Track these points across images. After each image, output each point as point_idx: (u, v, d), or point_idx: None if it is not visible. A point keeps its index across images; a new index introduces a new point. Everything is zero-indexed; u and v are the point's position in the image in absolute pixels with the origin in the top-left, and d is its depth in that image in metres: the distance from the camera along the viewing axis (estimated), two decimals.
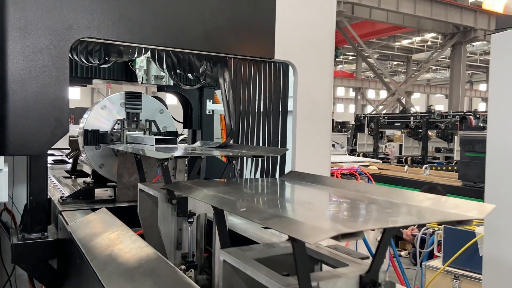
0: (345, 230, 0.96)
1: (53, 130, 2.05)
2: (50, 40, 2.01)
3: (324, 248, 1.45)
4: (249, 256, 1.36)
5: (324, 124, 2.90)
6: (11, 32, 1.95)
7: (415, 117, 12.33)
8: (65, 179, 4.69)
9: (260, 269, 1.25)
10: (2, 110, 1.95)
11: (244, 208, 1.31)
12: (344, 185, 1.68)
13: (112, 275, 1.66)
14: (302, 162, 2.77)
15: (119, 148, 2.65)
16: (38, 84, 2.00)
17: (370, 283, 1.19)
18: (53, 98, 2.04)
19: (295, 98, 2.77)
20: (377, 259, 1.21)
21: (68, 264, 2.63)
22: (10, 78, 1.95)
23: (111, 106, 3.18)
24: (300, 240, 0.99)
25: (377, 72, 25.39)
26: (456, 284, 2.90)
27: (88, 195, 3.28)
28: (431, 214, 1.24)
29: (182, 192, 1.88)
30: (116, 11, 2.15)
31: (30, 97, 1.99)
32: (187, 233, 2.15)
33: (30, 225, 2.94)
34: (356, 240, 0.94)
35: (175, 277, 1.49)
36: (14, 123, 1.96)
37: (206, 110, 3.59)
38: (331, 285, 1.15)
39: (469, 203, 1.21)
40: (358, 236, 0.96)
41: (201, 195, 1.65)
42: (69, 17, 2.04)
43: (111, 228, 2.28)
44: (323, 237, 0.95)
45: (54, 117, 2.05)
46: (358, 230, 0.96)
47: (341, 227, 1.04)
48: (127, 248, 1.92)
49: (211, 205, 1.50)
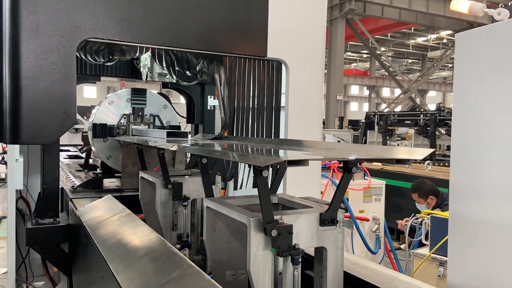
0: (291, 158, 1.17)
1: (61, 122, 2.27)
2: (59, 40, 2.23)
3: (296, 198, 1.65)
4: (229, 202, 1.58)
5: (315, 119, 3.07)
6: (24, 33, 2.18)
7: (425, 115, 12.34)
8: (78, 172, 4.97)
9: (234, 208, 1.46)
10: (17, 104, 2.17)
11: (218, 153, 1.55)
12: (318, 145, 1.87)
13: (111, 249, 1.88)
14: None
15: (122, 139, 2.86)
16: (48, 80, 2.22)
17: (329, 220, 1.39)
18: (61, 93, 2.26)
19: (287, 94, 2.94)
20: (336, 200, 1.41)
21: (76, 246, 2.86)
22: (23, 74, 2.18)
23: (118, 101, 3.41)
24: (259, 166, 1.20)
25: (389, 70, 25.27)
26: (441, 270, 3.05)
27: (97, 185, 3.53)
28: (378, 153, 1.43)
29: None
30: (119, 13, 2.36)
31: (41, 92, 2.21)
32: (182, 216, 2.36)
33: (43, 211, 3.19)
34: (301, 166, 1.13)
35: (164, 249, 1.70)
36: (27, 115, 2.19)
37: (208, 105, 3.79)
38: (293, 219, 1.34)
39: (416, 150, 1.39)
40: (303, 163, 1.16)
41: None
42: (76, 19, 2.26)
43: (115, 212, 2.50)
44: (271, 163, 1.15)
45: (62, 109, 2.27)
46: (301, 159, 1.17)
47: (289, 157, 1.25)
48: (127, 228, 2.13)
49: (195, 154, 1.74)
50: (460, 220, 1.95)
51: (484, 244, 1.86)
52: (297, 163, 1.16)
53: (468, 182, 1.91)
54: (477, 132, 1.85)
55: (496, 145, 1.77)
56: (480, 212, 1.86)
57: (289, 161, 1.15)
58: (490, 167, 1.81)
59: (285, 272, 1.38)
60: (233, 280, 1.70)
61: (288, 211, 1.48)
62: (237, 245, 1.72)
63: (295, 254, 1.34)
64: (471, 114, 1.89)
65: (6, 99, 2.19)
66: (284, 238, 1.32)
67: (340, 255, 1.44)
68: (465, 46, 1.89)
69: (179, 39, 2.54)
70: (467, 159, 1.90)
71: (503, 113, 1.76)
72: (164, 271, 1.50)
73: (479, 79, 1.84)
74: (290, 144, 1.99)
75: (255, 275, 1.33)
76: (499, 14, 1.85)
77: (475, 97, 1.87)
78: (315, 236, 1.40)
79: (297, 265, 1.35)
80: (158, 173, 2.55)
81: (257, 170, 1.26)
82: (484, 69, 1.81)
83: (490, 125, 1.79)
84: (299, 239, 1.37)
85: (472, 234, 1.90)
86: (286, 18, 2.85)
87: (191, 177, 2.40)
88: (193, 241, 2.50)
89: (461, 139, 1.94)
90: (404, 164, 1.33)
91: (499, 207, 1.78)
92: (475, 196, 1.89)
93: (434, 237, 3.13)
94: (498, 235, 1.80)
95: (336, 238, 1.43)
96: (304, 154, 1.49)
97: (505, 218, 1.76)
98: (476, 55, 1.84)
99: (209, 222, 1.66)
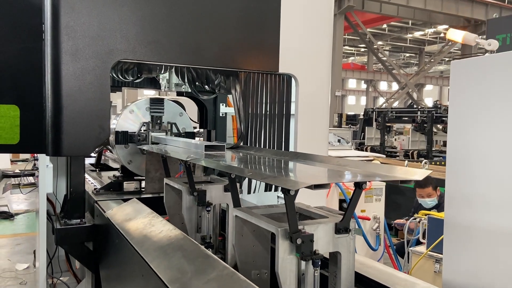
0: (317, 183, 1.44)
1: (97, 135, 2.53)
2: (95, 63, 2.48)
3: (313, 208, 1.93)
4: (255, 212, 1.84)
5: (321, 126, 3.34)
6: (65, 57, 2.43)
7: (422, 111, 12.63)
8: (91, 172, 5.22)
9: (262, 218, 1.73)
10: (59, 120, 2.43)
11: (250, 173, 1.82)
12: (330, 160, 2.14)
13: (149, 250, 2.14)
14: None
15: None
16: (85, 98, 2.48)
17: (343, 229, 1.66)
18: (97, 109, 2.51)
19: (297, 104, 3.20)
20: (349, 212, 1.68)
21: (105, 245, 3.12)
22: (64, 93, 2.43)
23: (137, 110, 3.66)
24: (287, 189, 1.47)
25: (386, 64, 25.49)
26: (437, 266, 3.34)
27: (118, 187, 3.78)
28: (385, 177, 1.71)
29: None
30: (147, 36, 2.60)
31: (80, 109, 2.46)
32: (205, 219, 2.62)
33: (71, 212, 3.45)
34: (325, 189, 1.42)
35: (198, 251, 1.97)
36: (67, 130, 2.44)
37: (220, 112, 4.05)
38: (313, 229, 1.61)
39: (415, 171, 1.67)
40: (326, 187, 1.44)
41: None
42: (110, 43, 2.51)
43: (143, 215, 2.76)
44: (302, 186, 1.42)
45: (98, 124, 2.53)
46: (325, 183, 1.44)
47: (315, 181, 1.51)
48: (158, 230, 2.40)
49: (226, 171, 2.00)
50: (454, 224, 2.22)
51: (475, 246, 2.14)
52: (322, 186, 1.43)
53: (461, 191, 2.19)
54: (469, 149, 2.12)
55: (484, 161, 2.05)
56: (472, 217, 2.13)
57: (315, 185, 1.41)
58: (479, 179, 2.08)
59: (307, 273, 1.65)
60: (257, 278, 1.98)
61: (308, 221, 1.74)
62: (261, 249, 1.99)
63: (315, 258, 1.60)
64: (465, 130, 2.16)
65: (49, 116, 2.45)
66: (306, 245, 1.58)
67: (352, 258, 1.71)
68: (460, 74, 2.15)
69: (199, 58, 2.79)
70: (460, 172, 2.18)
71: (491, 132, 2.03)
72: (203, 271, 1.77)
73: (471, 102, 2.11)
74: (305, 158, 2.25)
75: (283, 276, 1.60)
76: (489, 45, 2.11)
77: (468, 119, 2.13)
78: (331, 243, 1.67)
79: (317, 267, 1.63)
80: (181, 180, 2.81)
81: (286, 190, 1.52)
82: (477, 94, 2.08)
83: (479, 143, 2.06)
84: (318, 245, 1.64)
85: (464, 237, 2.18)
86: (296, 36, 3.10)
87: (213, 184, 2.66)
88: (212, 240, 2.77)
89: (456, 153, 2.21)
90: (408, 183, 1.61)
91: (487, 214, 2.06)
92: (467, 204, 2.16)
93: (431, 236, 3.42)
94: (486, 238, 2.07)
95: (349, 244, 1.70)
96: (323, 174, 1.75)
97: (492, 224, 2.03)
98: (470, 81, 2.10)
99: (238, 229, 1.92)
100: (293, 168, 2.10)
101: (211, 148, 2.62)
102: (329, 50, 3.26)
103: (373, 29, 28.46)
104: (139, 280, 2.21)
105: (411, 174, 1.63)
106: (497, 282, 2.05)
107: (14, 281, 4.93)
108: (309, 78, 3.20)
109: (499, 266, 1.99)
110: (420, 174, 1.60)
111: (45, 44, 2.42)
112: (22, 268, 5.26)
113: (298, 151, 3.17)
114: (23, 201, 8.68)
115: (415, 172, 1.63)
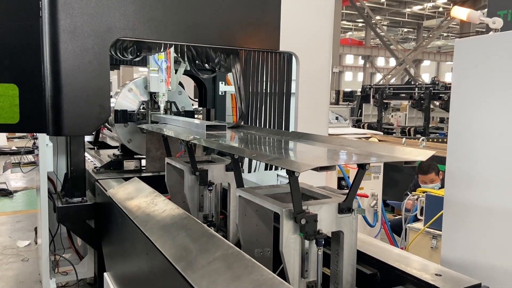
0: (322, 164, 1.45)
1: (98, 115, 2.51)
2: (94, 41, 2.44)
3: (316, 188, 1.95)
4: (258, 192, 1.86)
5: (322, 104, 3.33)
6: (63, 35, 2.39)
7: (420, 88, 12.59)
8: (89, 150, 5.21)
9: (266, 198, 1.75)
10: (58, 100, 2.41)
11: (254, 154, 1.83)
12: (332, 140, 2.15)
13: (153, 229, 2.17)
14: None
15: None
16: (85, 77, 2.45)
17: (346, 209, 1.69)
18: (97, 88, 2.49)
19: (297, 83, 3.19)
20: (352, 192, 1.71)
21: (107, 223, 3.16)
22: (63, 73, 2.40)
23: (136, 89, 3.63)
24: (293, 171, 1.48)
25: (384, 39, 25.24)
26: (434, 242, 3.41)
27: (118, 166, 3.79)
28: (389, 158, 1.72)
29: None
30: (146, 14, 2.56)
31: (80, 88, 2.44)
32: (207, 199, 2.65)
33: (72, 191, 3.47)
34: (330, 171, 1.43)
35: (202, 230, 1.99)
36: (68, 109, 2.42)
37: (219, 91, 4.02)
38: (317, 209, 1.63)
39: (418, 151, 1.69)
40: (331, 169, 1.45)
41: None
42: (109, 21, 2.46)
43: (144, 193, 2.78)
44: (307, 168, 1.43)
45: (98, 103, 2.51)
46: (331, 165, 1.45)
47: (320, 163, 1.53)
48: (161, 209, 2.42)
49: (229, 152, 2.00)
50: (454, 202, 2.25)
51: (475, 224, 2.17)
52: (327, 168, 1.44)
53: (461, 169, 2.21)
54: (471, 128, 2.12)
55: (485, 141, 2.06)
56: (471, 196, 2.16)
57: (320, 167, 1.42)
58: (480, 158, 2.10)
59: (310, 251, 1.68)
60: (260, 257, 2.01)
61: (312, 201, 1.76)
62: (264, 227, 2.02)
63: (319, 237, 1.63)
64: (467, 110, 2.16)
65: (48, 95, 2.43)
66: (310, 225, 1.61)
67: (354, 237, 1.74)
68: (464, 52, 2.14)
69: (199, 36, 2.75)
70: (461, 151, 2.19)
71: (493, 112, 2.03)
72: (208, 251, 1.79)
73: (474, 81, 2.11)
74: (307, 139, 2.25)
75: (287, 255, 1.63)
76: (494, 23, 2.09)
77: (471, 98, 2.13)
78: (334, 222, 1.70)
79: (321, 247, 1.65)
80: (183, 159, 2.81)
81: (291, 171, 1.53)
82: (480, 73, 2.07)
83: (481, 122, 2.07)
84: (322, 225, 1.66)
85: (464, 215, 2.21)
86: (297, 14, 3.06)
87: (215, 164, 2.67)
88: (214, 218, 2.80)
89: (457, 133, 2.21)
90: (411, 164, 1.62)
91: (487, 193, 2.09)
92: (467, 182, 2.18)
93: (428, 213, 3.47)
94: (486, 217, 2.11)
95: (352, 223, 1.73)
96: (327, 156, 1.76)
97: (491, 203, 2.06)
98: (473, 61, 2.09)
99: (241, 209, 1.94)
100: (296, 148, 2.10)
101: (212, 128, 2.62)
102: (330, 28, 3.22)
103: (371, 3, 28.04)
104: (144, 258, 2.24)
105: (415, 154, 1.65)
106: (494, 259, 2.10)
107: (16, 258, 4.99)
108: (310, 56, 3.18)
109: (497, 244, 2.03)
110: (423, 154, 1.61)
111: (43, 21, 2.38)
112: (24, 245, 5.32)
113: (299, 131, 3.18)
114: (21, 179, 8.70)
115: (419, 152, 1.65)
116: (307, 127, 3.25)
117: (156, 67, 3.37)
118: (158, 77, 3.41)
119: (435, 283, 1.64)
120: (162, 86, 3.41)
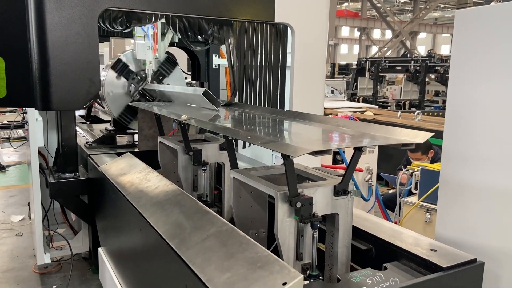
0: (319, 148, 1.41)
1: (87, 89, 2.43)
2: (82, 11, 2.34)
3: (311, 169, 1.91)
4: (252, 174, 1.83)
5: (318, 78, 3.26)
6: (49, 5, 2.28)
7: (416, 61, 12.48)
8: (82, 124, 5.14)
9: (261, 181, 1.72)
10: (46, 73, 2.32)
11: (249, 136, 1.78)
12: (328, 120, 2.10)
13: (146, 206, 2.14)
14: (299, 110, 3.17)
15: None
16: (73, 50, 2.35)
17: (342, 191, 1.66)
18: (86, 62, 2.40)
19: (293, 56, 3.11)
20: (348, 174, 1.67)
21: (101, 199, 3.13)
22: (50, 45, 2.31)
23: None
24: (288, 155, 1.43)
25: (380, 11, 24.82)
26: (428, 216, 3.42)
27: (110, 141, 3.74)
28: (386, 140, 1.68)
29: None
30: None
31: (68, 61, 2.35)
32: (201, 178, 2.61)
33: (64, 166, 3.43)
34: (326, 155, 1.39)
35: (197, 207, 1.97)
36: (56, 83, 2.34)
37: (213, 64, 3.93)
38: (312, 192, 1.60)
39: (415, 132, 1.65)
40: (327, 153, 1.41)
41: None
42: None
43: (138, 169, 2.74)
44: (303, 153, 1.39)
45: (88, 77, 2.42)
46: (328, 149, 1.41)
47: (316, 146, 1.49)
48: (155, 185, 2.38)
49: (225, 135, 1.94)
50: (449, 180, 2.23)
51: (470, 202, 2.16)
52: (323, 152, 1.39)
53: (458, 147, 2.17)
54: (470, 105, 2.08)
55: (484, 118, 2.02)
56: (468, 174, 2.14)
57: (316, 151, 1.37)
58: (478, 136, 2.07)
59: (305, 234, 1.66)
60: (255, 237, 1.99)
61: (307, 183, 1.72)
62: (259, 209, 1.99)
63: (314, 221, 1.60)
64: (466, 85, 2.11)
65: (36, 69, 2.34)
66: (305, 208, 1.56)
67: (350, 219, 1.71)
68: (464, 23, 2.07)
69: (191, 6, 2.65)
70: (459, 128, 2.15)
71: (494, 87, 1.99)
72: (202, 228, 1.77)
73: (475, 55, 2.05)
74: (303, 118, 2.20)
75: (282, 238, 1.60)
76: None
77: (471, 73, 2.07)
78: (330, 205, 1.66)
79: (316, 229, 1.62)
80: (176, 138, 2.76)
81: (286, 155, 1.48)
82: (480, 45, 2.01)
83: (481, 99, 2.03)
84: (317, 208, 1.62)
85: (459, 193, 2.19)
86: None
87: (208, 143, 2.62)
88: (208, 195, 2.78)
89: (455, 109, 2.17)
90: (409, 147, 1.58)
91: (483, 171, 2.07)
92: (464, 160, 2.16)
93: (423, 187, 3.47)
94: (481, 195, 2.09)
95: (347, 205, 1.69)
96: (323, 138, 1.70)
97: (487, 181, 2.04)
98: (474, 32, 2.02)
99: (235, 191, 1.90)
100: (292, 129, 2.05)
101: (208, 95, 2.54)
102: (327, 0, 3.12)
103: None
104: (138, 233, 2.22)
105: (413, 136, 1.60)
106: (488, 237, 2.10)
107: (10, 232, 4.99)
108: (306, 28, 3.08)
109: (491, 222, 2.03)
110: (421, 136, 1.57)
111: None
112: (17, 220, 5.30)
113: (295, 104, 3.12)
114: (13, 153, 8.62)
115: (416, 134, 1.60)
116: (303, 101, 3.20)
117: (142, 33, 3.26)
118: (145, 44, 3.30)
119: (431, 259, 1.64)
120: (149, 53, 3.31)
